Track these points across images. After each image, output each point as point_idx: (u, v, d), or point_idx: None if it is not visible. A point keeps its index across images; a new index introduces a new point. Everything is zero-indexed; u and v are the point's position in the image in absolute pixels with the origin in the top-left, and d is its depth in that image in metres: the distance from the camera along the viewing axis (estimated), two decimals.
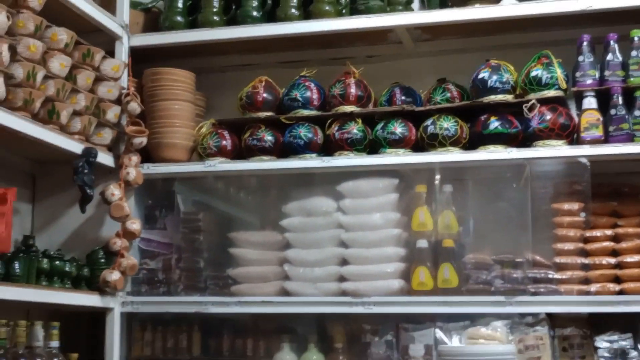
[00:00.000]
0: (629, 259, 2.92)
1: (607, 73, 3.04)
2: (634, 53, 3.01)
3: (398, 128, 3.19)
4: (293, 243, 3.30)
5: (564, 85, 3.09)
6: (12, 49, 2.71)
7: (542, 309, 2.96)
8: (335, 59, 3.55)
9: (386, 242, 3.17)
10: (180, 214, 3.49)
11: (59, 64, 2.94)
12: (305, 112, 3.35)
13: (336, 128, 3.26)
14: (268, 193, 3.49)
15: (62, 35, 2.96)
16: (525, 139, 3.11)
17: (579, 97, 3.06)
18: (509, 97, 3.14)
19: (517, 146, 3.10)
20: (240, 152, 3.41)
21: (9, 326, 2.62)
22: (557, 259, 2.99)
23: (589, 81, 3.04)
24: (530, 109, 3.06)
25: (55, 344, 2.84)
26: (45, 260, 2.92)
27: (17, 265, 2.72)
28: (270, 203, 3.45)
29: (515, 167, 3.09)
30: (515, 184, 3.11)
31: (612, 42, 3.05)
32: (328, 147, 3.31)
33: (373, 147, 3.26)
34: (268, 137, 3.34)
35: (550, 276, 2.97)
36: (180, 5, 3.54)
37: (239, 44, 3.49)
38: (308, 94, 3.35)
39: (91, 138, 3.22)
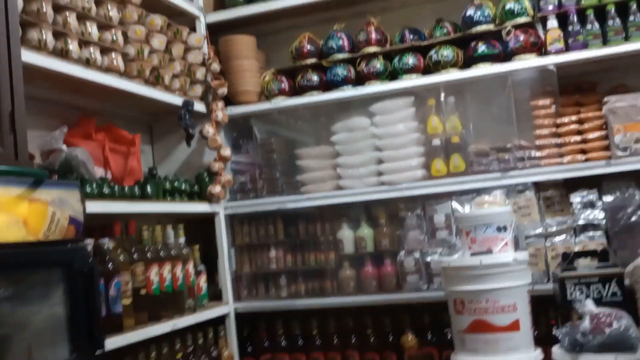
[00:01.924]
0: (591, 135, 2.95)
1: None
2: None
3: (410, 59, 3.22)
4: (341, 152, 3.35)
5: (531, 12, 3.08)
6: (124, 35, 2.84)
7: (529, 179, 3.00)
8: (358, 13, 3.51)
9: (409, 143, 3.21)
10: (258, 140, 3.54)
11: (158, 41, 3.04)
12: (340, 56, 3.36)
13: (364, 64, 3.29)
14: (319, 118, 3.50)
15: (158, 20, 3.06)
16: (506, 57, 3.10)
17: (544, 20, 3.05)
18: (491, 27, 3.13)
19: (500, 62, 3.09)
20: (295, 91, 3.44)
21: (149, 230, 2.82)
22: (537, 142, 3.02)
23: (550, 7, 3.03)
24: (507, 33, 3.08)
25: (182, 239, 3.04)
26: (167, 182, 3.05)
27: (148, 187, 2.86)
28: (321, 125, 3.47)
29: (501, 78, 3.09)
30: (501, 90, 3.09)
31: None
32: (359, 79, 3.32)
33: (392, 75, 3.28)
34: (314, 78, 3.38)
35: (533, 154, 3.01)
36: None
37: (285, 11, 3.47)
38: (340, 42, 3.37)
39: (188, 93, 3.29)
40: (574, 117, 3.02)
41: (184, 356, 2.91)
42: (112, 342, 2.36)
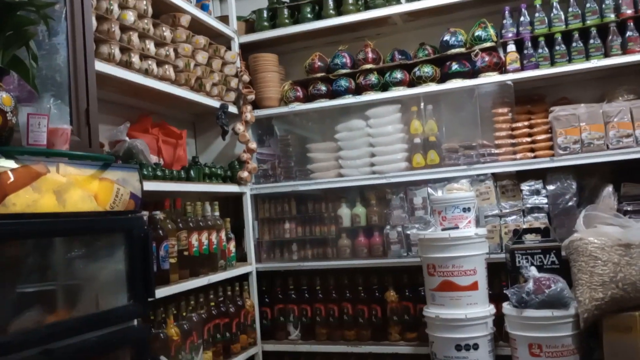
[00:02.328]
0: (539, 137, 2.94)
1: (521, 29, 3.00)
2: (537, 15, 2.99)
3: (398, 74, 3.21)
4: (342, 147, 3.35)
5: (495, 38, 3.06)
6: (175, 51, 2.86)
7: (488, 171, 2.99)
8: (358, 37, 3.51)
9: (395, 141, 3.20)
10: (277, 136, 3.56)
11: (202, 57, 3.05)
12: (343, 71, 3.34)
13: (362, 78, 3.28)
14: (325, 120, 3.50)
15: (202, 40, 3.06)
16: (474, 73, 3.08)
17: (505, 45, 3.03)
18: (463, 50, 3.11)
19: (469, 78, 3.08)
20: (308, 98, 3.44)
21: (191, 205, 2.85)
22: (496, 142, 3.00)
23: (510, 34, 3.02)
24: (475, 55, 3.06)
25: (217, 213, 3.05)
26: (206, 168, 3.07)
27: (192, 172, 2.88)
28: (327, 126, 3.46)
29: (469, 91, 3.08)
30: (469, 100, 3.08)
31: (523, 9, 3.00)
32: (358, 90, 3.30)
33: (384, 87, 3.26)
34: (323, 88, 3.36)
35: (492, 152, 3.00)
36: (265, 16, 3.52)
37: (301, 35, 3.47)
38: (344, 60, 3.36)
39: (224, 98, 3.30)
40: (526, 123, 3.00)
41: (216, 304, 2.95)
42: (161, 292, 2.40)
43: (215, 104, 3.19)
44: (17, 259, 1.71)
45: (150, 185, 2.39)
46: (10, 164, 1.49)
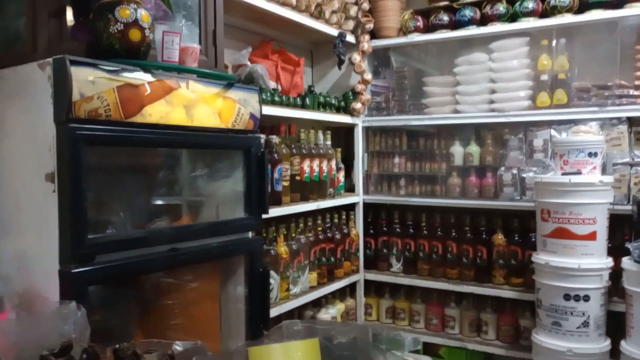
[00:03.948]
0: None
1: None
2: None
3: (530, 3, 2.99)
4: (461, 82, 3.23)
5: None
6: None
7: (623, 114, 2.75)
8: None
9: (520, 77, 3.03)
10: (394, 68, 3.50)
11: None
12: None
13: (489, 7, 3.10)
14: (444, 53, 3.36)
15: None
16: (617, 4, 2.79)
17: None
18: None
19: (612, 9, 2.79)
20: (428, 29, 3.32)
21: (305, 133, 2.93)
22: (637, 82, 2.73)
23: None
24: None
25: (328, 142, 3.11)
26: (321, 97, 3.12)
27: (307, 99, 2.95)
28: (446, 59, 3.33)
29: (610, 23, 2.80)
30: (609, 34, 2.80)
31: None
32: (483, 20, 3.14)
33: (512, 17, 3.07)
34: (445, 17, 3.23)
35: (631, 93, 2.73)
36: None
37: None
38: None
39: (342, 26, 3.28)
40: None
41: (323, 229, 3.09)
42: (274, 212, 2.55)
43: (334, 32, 3.19)
44: (151, 169, 1.92)
45: (267, 110, 2.49)
46: (147, 77, 1.64)
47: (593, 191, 2.48)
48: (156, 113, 1.65)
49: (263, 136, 2.56)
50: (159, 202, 1.96)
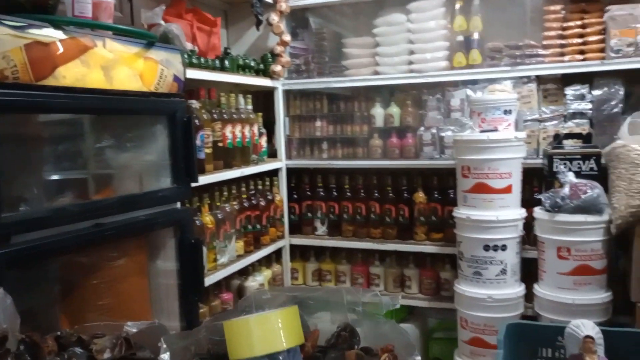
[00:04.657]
0: (590, 38, 2.80)
1: None
2: None
3: None
4: (380, 43, 3.23)
5: None
6: None
7: (533, 73, 2.90)
8: None
9: (437, 38, 3.08)
10: (312, 30, 3.44)
11: None
12: None
13: None
14: (362, 14, 3.35)
15: None
16: None
17: None
18: None
19: None
20: None
21: (225, 97, 2.82)
22: (544, 42, 2.88)
23: None
24: None
25: (250, 107, 3.03)
26: (240, 59, 3.01)
27: (226, 62, 2.84)
28: (364, 20, 3.32)
29: None
30: None
31: None
32: None
33: None
34: None
35: (539, 52, 2.88)
36: None
37: None
38: None
39: None
40: (578, 22, 2.84)
41: (248, 197, 3.03)
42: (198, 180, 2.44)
43: None
44: (66, 139, 1.74)
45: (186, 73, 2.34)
46: (59, 34, 1.47)
47: (509, 147, 2.61)
48: (71, 75, 1.49)
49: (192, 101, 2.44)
50: (76, 174, 1.80)
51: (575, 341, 1.62)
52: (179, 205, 2.00)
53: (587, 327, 1.61)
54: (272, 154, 3.40)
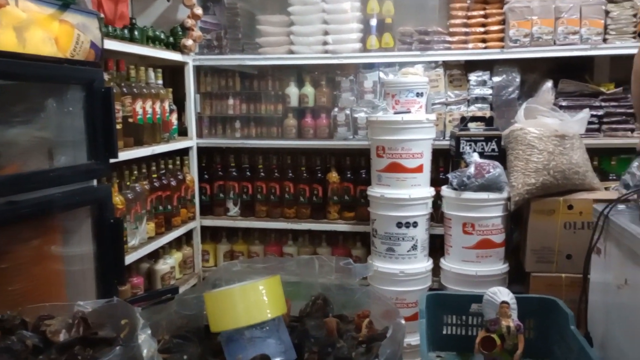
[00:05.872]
0: (492, 28, 3.00)
1: None
2: None
3: None
4: (295, 22, 3.22)
5: None
6: None
7: (441, 58, 3.06)
8: None
9: (351, 20, 3.12)
10: (225, 4, 3.34)
11: None
12: None
13: None
14: None
15: None
16: None
17: None
18: None
19: None
20: None
21: (135, 70, 2.69)
22: (451, 29, 3.04)
23: None
24: None
25: (160, 82, 2.92)
26: (149, 31, 2.88)
27: (136, 32, 2.71)
28: None
29: None
30: None
31: None
32: None
33: None
34: None
35: (446, 39, 3.04)
36: None
37: None
38: None
39: None
40: (481, 12, 3.03)
41: (159, 177, 2.93)
42: None
43: None
44: None
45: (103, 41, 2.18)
46: None
47: (421, 128, 2.74)
48: None
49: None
50: None
51: (493, 307, 1.76)
52: (95, 183, 1.87)
53: (503, 293, 1.76)
54: (183, 132, 3.30)
